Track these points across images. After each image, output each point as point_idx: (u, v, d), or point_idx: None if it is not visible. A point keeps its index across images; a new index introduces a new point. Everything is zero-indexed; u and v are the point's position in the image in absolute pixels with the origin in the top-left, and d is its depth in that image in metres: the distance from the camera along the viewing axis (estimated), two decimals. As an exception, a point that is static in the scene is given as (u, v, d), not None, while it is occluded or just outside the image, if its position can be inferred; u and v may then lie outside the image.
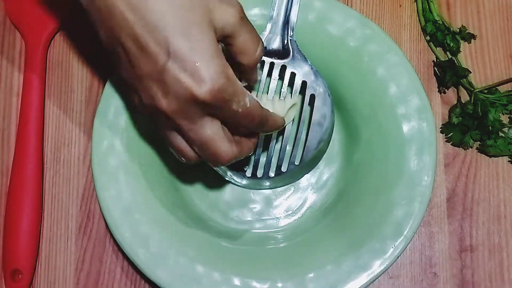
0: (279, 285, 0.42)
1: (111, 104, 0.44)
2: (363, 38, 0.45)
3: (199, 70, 0.32)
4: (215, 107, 0.34)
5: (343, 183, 0.46)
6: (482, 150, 0.47)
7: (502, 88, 0.48)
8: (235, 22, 0.35)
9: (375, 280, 0.42)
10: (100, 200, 0.43)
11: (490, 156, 0.48)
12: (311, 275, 0.42)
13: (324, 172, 0.47)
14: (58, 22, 0.49)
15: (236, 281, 0.42)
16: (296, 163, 0.45)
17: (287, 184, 0.47)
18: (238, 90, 0.34)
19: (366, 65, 0.45)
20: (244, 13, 0.36)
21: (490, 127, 0.46)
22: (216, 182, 0.47)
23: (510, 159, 0.48)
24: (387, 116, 0.45)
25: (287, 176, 0.46)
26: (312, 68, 0.44)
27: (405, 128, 0.44)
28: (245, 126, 0.37)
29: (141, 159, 0.44)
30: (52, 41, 0.49)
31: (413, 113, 0.44)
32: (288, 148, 0.45)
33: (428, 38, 0.49)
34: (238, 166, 0.45)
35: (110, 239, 0.46)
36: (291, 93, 0.45)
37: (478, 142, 0.48)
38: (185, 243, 0.43)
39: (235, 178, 0.46)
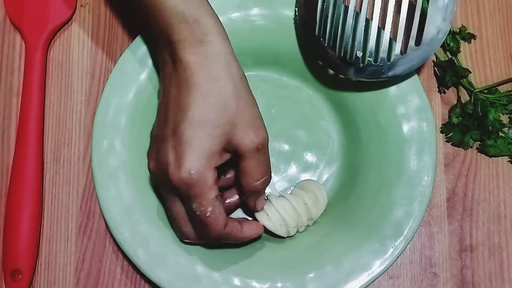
0: (279, 285, 0.42)
1: (111, 104, 0.44)
2: (363, 37, 0.45)
3: (184, 158, 0.36)
4: (180, 194, 0.37)
5: (343, 183, 0.46)
6: (482, 150, 0.47)
7: (502, 88, 0.48)
8: (250, 148, 0.37)
9: (375, 280, 0.42)
10: (100, 200, 0.43)
11: (490, 156, 0.48)
12: (311, 275, 0.42)
13: (324, 172, 0.47)
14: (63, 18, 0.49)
15: (236, 281, 0.42)
16: (415, 45, 0.41)
17: (395, 76, 0.42)
18: (204, 194, 0.37)
19: (366, 65, 0.45)
20: (266, 148, 0.39)
21: (490, 127, 0.46)
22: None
23: (510, 159, 0.48)
24: (387, 116, 0.45)
25: (402, 62, 0.42)
26: None
27: (405, 128, 0.44)
28: (200, 230, 0.39)
29: (141, 159, 0.44)
30: (52, 41, 0.49)
31: (413, 113, 0.44)
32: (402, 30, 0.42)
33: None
34: (350, 52, 0.42)
35: (110, 239, 0.46)
36: None
37: (478, 142, 0.48)
38: (185, 243, 0.43)
39: (345, 69, 0.43)
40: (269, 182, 0.40)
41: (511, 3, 0.50)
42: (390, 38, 0.42)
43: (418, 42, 0.41)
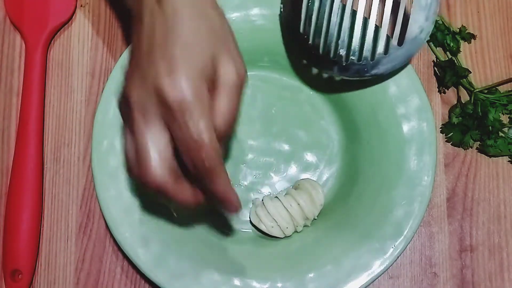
0: (279, 285, 0.42)
1: (111, 104, 0.44)
2: (363, 38, 0.45)
3: (179, 74, 0.33)
4: (172, 114, 0.33)
5: (343, 183, 0.46)
6: (482, 150, 0.47)
7: (502, 88, 0.48)
8: (230, 80, 0.35)
9: (375, 280, 0.42)
10: (100, 200, 0.43)
11: (490, 156, 0.48)
12: (311, 275, 0.42)
13: (324, 172, 0.47)
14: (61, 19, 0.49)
15: (236, 281, 0.42)
16: (397, 45, 0.42)
17: (389, 70, 0.43)
18: (201, 110, 0.33)
19: (366, 65, 0.45)
20: (242, 90, 0.36)
21: (490, 127, 0.46)
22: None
23: (510, 159, 0.48)
24: (387, 116, 0.45)
25: (385, 62, 0.42)
26: None
27: (405, 128, 0.44)
28: (192, 161, 0.34)
29: (141, 159, 0.44)
30: (52, 41, 0.49)
31: (413, 113, 0.44)
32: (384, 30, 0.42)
33: (428, 38, 0.49)
34: (333, 51, 0.43)
35: (110, 239, 0.46)
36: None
37: (478, 142, 0.48)
38: (185, 243, 0.43)
39: (328, 67, 0.43)
40: (230, 133, 0.36)
41: (511, 3, 0.50)
42: (373, 37, 0.42)
43: (401, 41, 0.42)
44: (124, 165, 0.40)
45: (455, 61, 0.48)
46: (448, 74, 0.47)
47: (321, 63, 0.43)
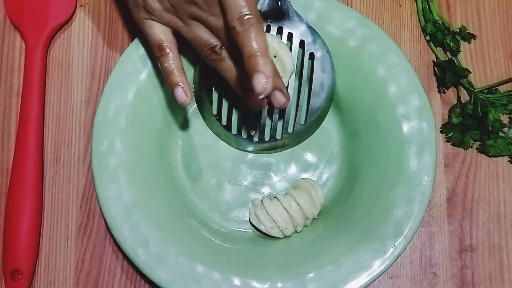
0: (279, 285, 0.42)
1: (111, 104, 0.44)
2: (363, 38, 0.45)
3: None
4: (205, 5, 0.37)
5: (343, 183, 0.46)
6: (482, 150, 0.47)
7: (502, 88, 0.48)
8: None
9: (375, 280, 0.42)
10: (100, 200, 0.43)
11: (490, 156, 0.48)
12: (311, 275, 0.42)
13: (324, 172, 0.47)
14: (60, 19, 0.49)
15: (236, 281, 0.42)
16: (302, 123, 0.45)
17: (293, 146, 0.47)
18: None
19: (366, 65, 0.45)
20: None
21: (490, 127, 0.46)
22: (216, 182, 0.47)
23: (510, 159, 0.48)
24: (387, 116, 0.45)
25: (293, 137, 0.46)
26: (308, 27, 0.44)
27: (405, 128, 0.44)
28: (232, 12, 0.36)
29: (141, 159, 0.44)
30: (52, 41, 0.49)
31: (413, 113, 0.44)
32: (292, 109, 0.46)
33: (428, 38, 0.49)
34: (245, 131, 0.46)
35: (110, 239, 0.46)
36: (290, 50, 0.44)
37: (478, 142, 0.48)
38: (185, 243, 0.43)
39: (242, 145, 0.47)
40: (253, 20, 0.36)
41: (511, 3, 0.50)
42: (279, 118, 0.46)
43: (304, 120, 0.45)
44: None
45: (455, 61, 0.48)
46: (448, 74, 0.47)
47: (234, 141, 0.47)
